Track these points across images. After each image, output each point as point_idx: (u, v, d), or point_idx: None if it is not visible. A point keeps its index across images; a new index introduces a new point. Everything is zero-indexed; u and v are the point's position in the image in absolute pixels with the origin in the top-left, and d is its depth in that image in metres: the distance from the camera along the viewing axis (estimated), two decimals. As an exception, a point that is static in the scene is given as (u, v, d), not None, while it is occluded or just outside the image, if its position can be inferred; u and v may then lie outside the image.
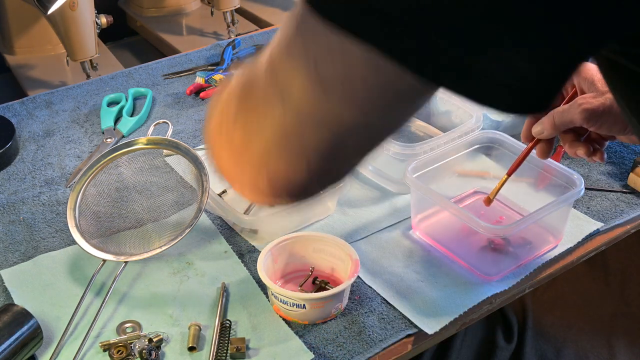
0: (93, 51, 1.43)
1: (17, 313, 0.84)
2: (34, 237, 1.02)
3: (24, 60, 1.60)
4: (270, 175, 0.50)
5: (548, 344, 1.49)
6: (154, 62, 1.48)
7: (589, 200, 1.08)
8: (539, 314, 1.53)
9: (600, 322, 1.54)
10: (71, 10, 1.34)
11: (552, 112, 0.85)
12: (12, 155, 1.19)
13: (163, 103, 1.34)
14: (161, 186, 1.07)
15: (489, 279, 0.94)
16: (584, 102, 0.81)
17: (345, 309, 0.91)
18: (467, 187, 1.10)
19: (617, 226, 1.04)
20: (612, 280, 1.62)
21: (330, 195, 1.03)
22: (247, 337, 0.86)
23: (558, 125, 0.84)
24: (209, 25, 1.74)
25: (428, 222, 1.03)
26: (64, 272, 0.96)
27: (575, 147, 0.85)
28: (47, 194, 1.11)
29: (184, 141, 1.04)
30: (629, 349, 1.49)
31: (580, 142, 0.85)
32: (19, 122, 1.28)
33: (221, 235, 1.02)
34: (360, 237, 1.01)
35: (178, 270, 0.97)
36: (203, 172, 0.98)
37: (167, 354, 0.85)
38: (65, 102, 1.34)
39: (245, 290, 0.93)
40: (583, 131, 0.85)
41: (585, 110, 0.80)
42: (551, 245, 1.00)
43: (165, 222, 1.02)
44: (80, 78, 1.48)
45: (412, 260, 0.98)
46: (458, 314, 0.89)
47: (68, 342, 0.86)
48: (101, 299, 0.91)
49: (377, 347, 0.86)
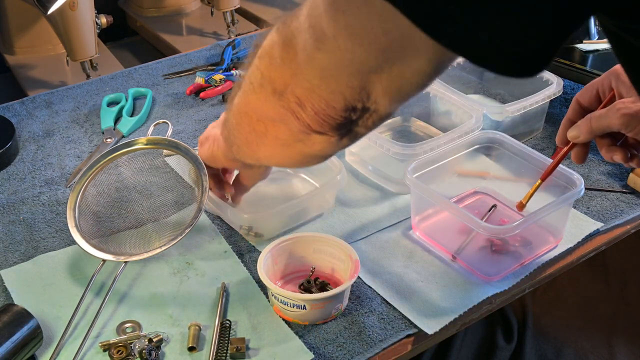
0: (93, 51, 1.43)
1: (17, 313, 0.84)
2: (34, 237, 1.02)
3: (24, 60, 1.61)
4: (316, 109, 0.59)
5: (548, 344, 1.49)
6: (154, 62, 1.48)
7: (589, 200, 1.08)
8: (539, 314, 1.53)
9: (600, 322, 1.55)
10: (71, 10, 1.34)
11: (589, 116, 0.83)
12: (12, 155, 1.19)
13: (163, 103, 1.34)
14: (161, 186, 1.07)
15: (489, 279, 0.94)
16: (622, 107, 0.79)
17: (345, 309, 0.91)
18: (467, 187, 1.10)
19: (617, 226, 1.04)
20: (612, 280, 1.63)
21: (328, 189, 1.03)
22: (247, 337, 0.86)
23: (595, 129, 0.82)
24: (209, 25, 1.74)
25: (428, 222, 1.03)
26: (64, 272, 0.96)
27: (612, 152, 0.83)
28: (47, 194, 1.11)
29: (184, 141, 1.04)
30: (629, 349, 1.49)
31: (617, 147, 0.83)
32: (19, 122, 1.28)
33: (221, 235, 1.02)
34: (360, 237, 1.01)
35: (178, 270, 0.97)
36: (202, 172, 0.98)
37: (167, 354, 0.85)
38: (65, 102, 1.34)
39: (245, 290, 0.93)
40: (619, 135, 0.83)
41: (624, 115, 0.78)
42: (551, 246, 1.00)
43: (165, 222, 1.02)
44: (80, 78, 1.48)
45: (412, 260, 0.98)
46: (458, 314, 0.89)
47: (68, 342, 0.86)
48: (101, 299, 0.91)
49: (377, 347, 0.86)
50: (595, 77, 1.24)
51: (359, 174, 1.14)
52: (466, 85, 1.29)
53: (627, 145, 0.84)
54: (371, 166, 1.13)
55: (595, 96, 0.86)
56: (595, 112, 0.83)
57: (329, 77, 0.56)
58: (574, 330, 1.52)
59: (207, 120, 1.28)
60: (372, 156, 1.13)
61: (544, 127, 1.23)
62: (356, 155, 1.16)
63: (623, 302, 1.59)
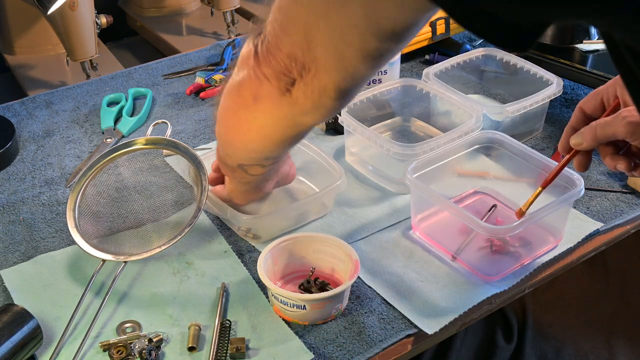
0: (93, 51, 1.43)
1: (17, 313, 0.84)
2: (34, 237, 1.02)
3: (24, 60, 1.61)
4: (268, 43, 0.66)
5: (548, 344, 1.49)
6: (154, 62, 1.48)
7: (589, 201, 1.08)
8: (539, 314, 1.53)
9: (600, 322, 1.54)
10: (71, 10, 1.34)
11: (594, 123, 0.81)
12: (12, 155, 1.19)
13: (163, 103, 1.34)
14: (161, 186, 1.07)
15: (489, 279, 0.94)
16: (628, 115, 0.77)
17: (345, 309, 0.91)
18: (467, 187, 1.10)
19: (617, 226, 1.04)
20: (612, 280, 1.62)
21: (327, 194, 1.03)
22: (247, 337, 0.86)
23: (600, 137, 0.80)
24: (209, 25, 1.74)
25: (428, 222, 1.03)
26: (64, 272, 0.96)
27: (615, 161, 0.81)
28: (47, 194, 1.11)
29: (184, 141, 1.04)
30: (629, 349, 1.49)
31: (620, 156, 0.81)
32: (19, 122, 1.28)
33: (221, 235, 1.02)
34: (360, 237, 1.01)
35: (178, 270, 0.97)
36: (202, 172, 0.98)
37: (167, 354, 0.85)
38: (65, 102, 1.34)
39: (245, 290, 0.93)
40: (623, 144, 0.82)
41: (629, 123, 0.77)
42: (551, 246, 1.00)
43: (165, 222, 1.02)
44: (80, 78, 1.48)
45: (412, 260, 0.98)
46: (458, 314, 0.89)
47: (68, 342, 0.86)
48: (101, 299, 0.91)
49: (377, 347, 0.86)
50: (595, 77, 1.25)
51: (359, 174, 1.14)
52: (466, 85, 1.29)
53: (631, 154, 0.82)
54: (371, 166, 1.13)
55: (600, 104, 0.84)
56: (600, 119, 0.81)
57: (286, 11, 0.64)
58: (574, 330, 1.52)
59: (207, 120, 1.28)
60: (372, 156, 1.13)
61: (544, 127, 1.23)
62: (356, 155, 1.16)
63: (623, 302, 1.59)
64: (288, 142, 0.83)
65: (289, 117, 0.74)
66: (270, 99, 0.72)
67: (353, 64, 0.64)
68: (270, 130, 0.78)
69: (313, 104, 0.69)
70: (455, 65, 1.25)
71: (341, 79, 0.66)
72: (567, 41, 1.33)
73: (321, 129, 1.23)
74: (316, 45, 0.63)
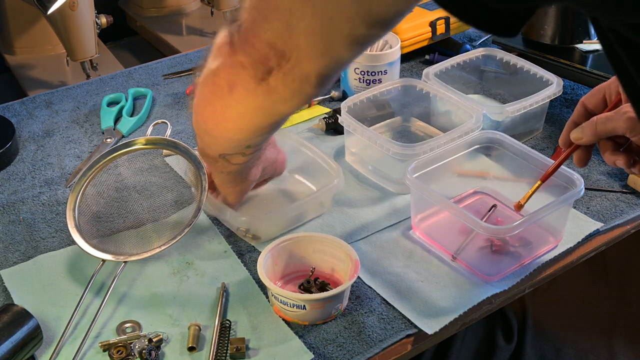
0: (93, 51, 1.43)
1: (17, 313, 0.84)
2: (34, 237, 1.02)
3: (24, 60, 1.60)
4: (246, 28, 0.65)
5: (548, 344, 1.49)
6: (154, 62, 1.48)
7: (589, 201, 1.08)
8: (539, 314, 1.53)
9: (600, 322, 1.54)
10: (71, 10, 1.34)
11: (595, 118, 0.81)
12: (12, 155, 1.19)
13: (163, 103, 1.34)
14: (160, 186, 1.08)
15: (489, 279, 0.94)
16: (629, 111, 0.77)
17: (345, 309, 0.91)
18: (467, 187, 1.10)
19: (617, 226, 1.04)
20: (612, 280, 1.62)
21: (325, 193, 1.03)
22: (247, 337, 0.86)
23: (600, 132, 0.80)
24: (209, 25, 1.74)
25: (428, 222, 1.03)
26: (64, 272, 0.96)
27: (615, 157, 0.81)
28: (47, 194, 1.11)
29: (184, 141, 1.04)
30: (629, 349, 1.49)
31: (620, 152, 0.81)
32: (19, 122, 1.28)
33: (221, 235, 1.02)
34: (360, 237, 1.01)
35: (178, 270, 0.97)
36: (202, 172, 0.98)
37: (167, 354, 0.85)
38: (65, 102, 1.34)
39: (245, 290, 0.93)
40: (623, 140, 0.82)
41: (630, 119, 0.77)
42: (551, 246, 1.00)
43: (165, 221, 1.02)
44: (80, 78, 1.48)
45: (412, 260, 0.98)
46: (458, 314, 0.89)
47: (68, 342, 0.86)
48: (101, 299, 0.91)
49: (377, 347, 0.86)
50: (595, 77, 1.24)
51: (359, 174, 1.14)
52: (466, 85, 1.29)
53: (630, 150, 0.82)
54: (371, 166, 1.13)
55: (602, 99, 0.84)
56: (600, 114, 0.81)
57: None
58: (574, 330, 1.52)
59: (207, 120, 1.27)
60: (372, 156, 1.13)
61: (544, 127, 1.23)
62: (356, 155, 1.16)
63: (623, 302, 1.59)
64: (267, 129, 0.81)
65: (266, 105, 0.72)
66: (246, 87, 0.70)
67: (338, 50, 0.63)
68: (247, 119, 0.77)
69: (292, 93, 0.68)
70: (455, 65, 1.25)
71: (324, 65, 0.65)
72: (567, 41, 1.33)
73: (321, 129, 1.23)
74: (299, 32, 0.61)
